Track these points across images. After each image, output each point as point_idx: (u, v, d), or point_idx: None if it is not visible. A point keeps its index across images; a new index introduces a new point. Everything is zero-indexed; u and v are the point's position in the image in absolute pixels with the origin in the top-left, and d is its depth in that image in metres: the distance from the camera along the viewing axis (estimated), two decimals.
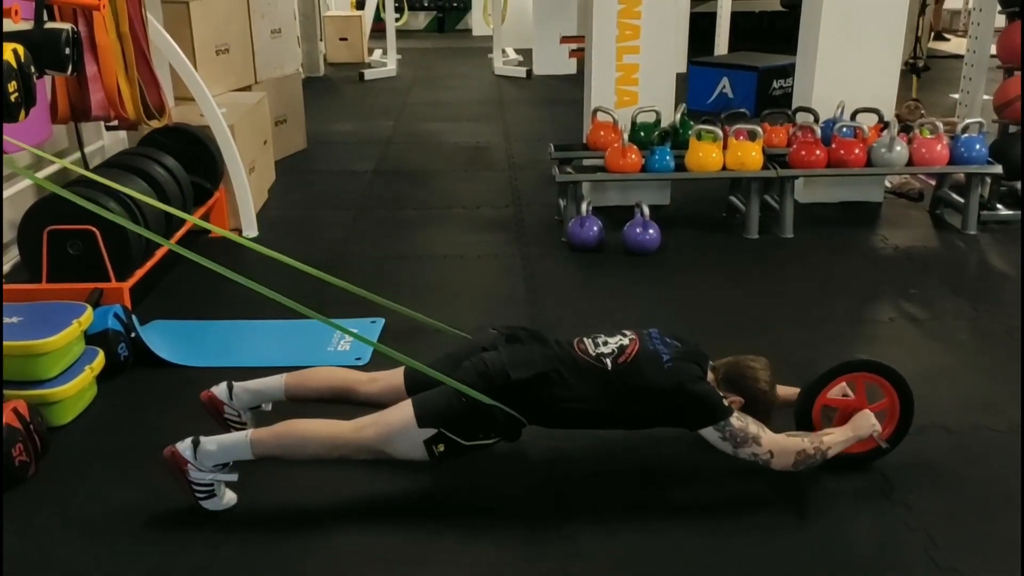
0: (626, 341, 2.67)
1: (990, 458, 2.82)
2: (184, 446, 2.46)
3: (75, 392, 2.99)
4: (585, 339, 2.69)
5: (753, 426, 2.54)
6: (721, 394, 2.60)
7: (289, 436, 2.51)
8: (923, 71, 7.65)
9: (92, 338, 3.21)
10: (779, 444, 2.54)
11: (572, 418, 2.62)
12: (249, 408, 2.78)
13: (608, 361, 2.59)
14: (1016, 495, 2.62)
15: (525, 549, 2.42)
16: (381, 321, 3.71)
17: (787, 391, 2.82)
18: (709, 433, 2.55)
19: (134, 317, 3.45)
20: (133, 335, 3.38)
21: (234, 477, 2.50)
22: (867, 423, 2.66)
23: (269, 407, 2.81)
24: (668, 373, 2.57)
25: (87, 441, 2.91)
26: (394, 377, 2.75)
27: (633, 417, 2.64)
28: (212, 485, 2.48)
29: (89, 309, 3.17)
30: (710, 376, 2.67)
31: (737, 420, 2.53)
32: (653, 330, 2.75)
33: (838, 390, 2.76)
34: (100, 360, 3.14)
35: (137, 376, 3.31)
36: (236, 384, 2.78)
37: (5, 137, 2.63)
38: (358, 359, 3.44)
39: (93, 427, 2.99)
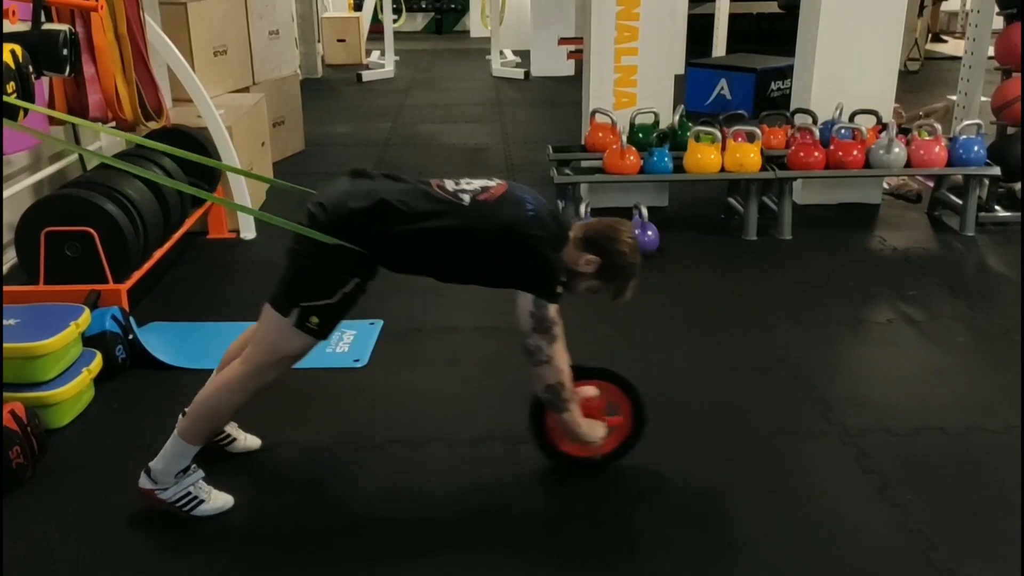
0: (493, 183, 2.52)
1: (987, 459, 2.82)
2: (141, 479, 2.49)
3: (73, 394, 2.99)
4: (447, 180, 2.53)
5: (559, 329, 2.44)
6: (582, 259, 2.48)
7: (202, 407, 2.48)
8: (910, 73, 7.65)
9: (90, 340, 3.20)
10: (561, 362, 2.46)
11: (412, 252, 2.44)
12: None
13: (466, 197, 2.44)
14: (1013, 496, 2.62)
15: (522, 551, 2.42)
16: (380, 323, 3.71)
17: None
18: (525, 300, 2.41)
19: (132, 319, 3.44)
20: (131, 337, 3.37)
21: (200, 474, 2.50)
22: (595, 435, 2.62)
23: None
24: (527, 220, 2.41)
25: (85, 444, 2.91)
26: (266, 310, 2.62)
27: (472, 261, 2.47)
28: (189, 493, 2.48)
29: (87, 311, 3.17)
30: (572, 235, 2.51)
31: (555, 311, 2.42)
32: (525, 186, 2.59)
33: (591, 388, 2.71)
34: (98, 362, 3.14)
35: (135, 378, 3.31)
36: (188, 408, 2.75)
37: (6, 129, 2.62)
38: (356, 360, 3.44)
39: (91, 430, 2.99)
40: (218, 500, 2.54)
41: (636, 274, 2.56)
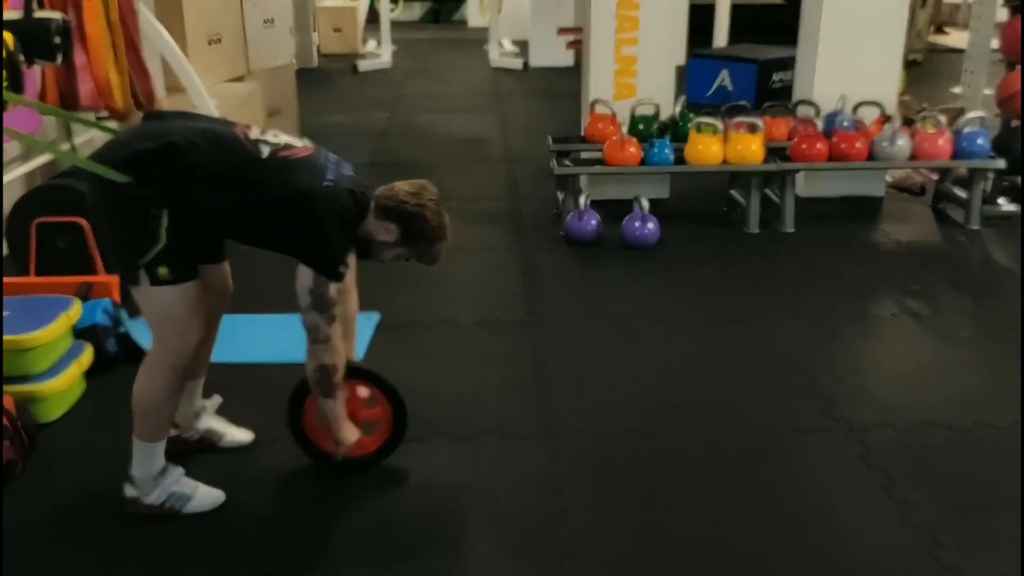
0: (299, 144, 2.41)
1: (992, 455, 2.78)
2: (127, 489, 2.47)
3: (63, 388, 2.94)
4: (255, 127, 2.42)
5: (338, 310, 2.37)
6: (382, 228, 2.40)
7: (138, 401, 2.41)
8: (912, 64, 7.61)
9: (81, 333, 3.16)
10: (337, 343, 2.39)
11: (197, 199, 2.29)
12: (196, 417, 2.74)
13: (266, 149, 2.33)
14: (1018, 492, 2.58)
15: (522, 547, 2.38)
16: (376, 316, 3.67)
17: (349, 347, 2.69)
18: (306, 276, 2.31)
19: (123, 312, 3.39)
20: (122, 330, 3.32)
21: (179, 472, 2.48)
22: (349, 437, 2.56)
23: (210, 399, 2.80)
24: (322, 191, 2.31)
25: (75, 438, 2.87)
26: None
27: (257, 220, 2.36)
28: (173, 493, 2.46)
29: (77, 303, 3.12)
30: (372, 204, 2.42)
31: (335, 291, 2.33)
32: (336, 156, 2.49)
33: (364, 388, 2.66)
34: (88, 355, 3.09)
35: (126, 372, 3.21)
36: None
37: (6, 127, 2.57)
38: None
39: (81, 424, 2.95)
40: (208, 495, 2.50)
41: (443, 236, 2.45)
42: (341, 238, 2.35)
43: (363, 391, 2.66)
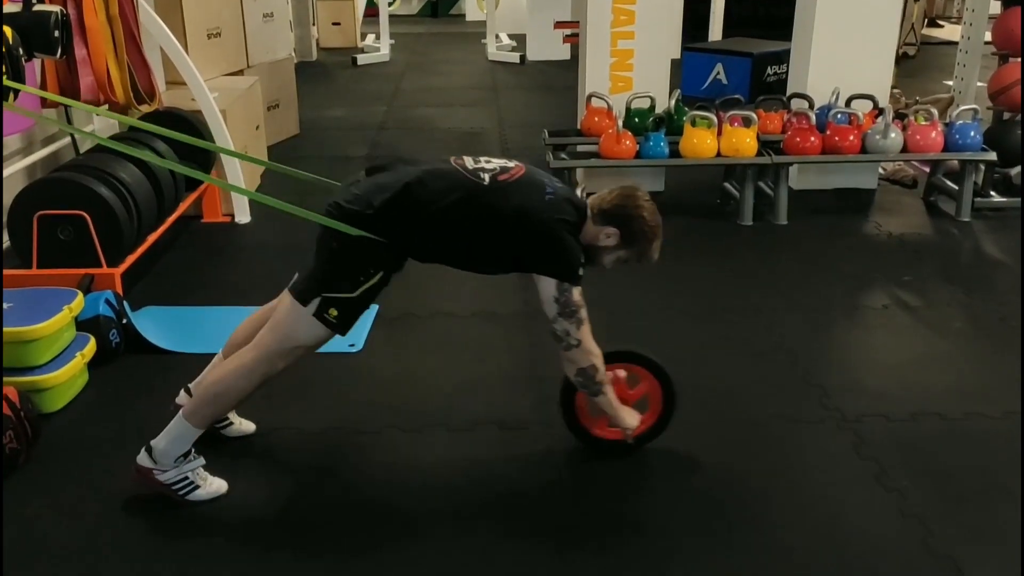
0: (511, 164, 2.51)
1: (984, 445, 2.82)
2: (141, 456, 2.47)
3: (66, 379, 2.97)
4: (466, 156, 2.52)
5: (585, 312, 2.45)
6: (602, 233, 2.49)
7: (211, 392, 2.47)
8: (904, 58, 7.63)
9: (83, 324, 3.18)
10: (590, 344, 2.48)
11: (435, 235, 2.43)
12: None
13: (486, 176, 2.43)
14: (1012, 482, 2.62)
15: (519, 535, 2.42)
16: (375, 307, 3.69)
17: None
18: (548, 286, 2.41)
19: (126, 303, 3.42)
20: (125, 321, 3.35)
21: (201, 461, 2.50)
22: (631, 421, 2.63)
23: None
24: (546, 204, 2.41)
25: (78, 428, 2.89)
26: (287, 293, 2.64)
27: (494, 243, 2.45)
28: (187, 478, 2.48)
29: (80, 295, 3.15)
30: (589, 212, 2.52)
31: (578, 295, 2.43)
32: (541, 170, 2.59)
33: (621, 371, 2.72)
34: (91, 346, 3.12)
35: (129, 363, 3.29)
36: (191, 385, 2.78)
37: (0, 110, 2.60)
38: (352, 345, 3.42)
39: (85, 414, 2.97)
40: (212, 485, 2.53)
41: (658, 235, 2.57)
42: (574, 242, 2.45)
43: (622, 372, 2.71)
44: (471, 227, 2.42)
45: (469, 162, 2.49)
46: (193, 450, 2.49)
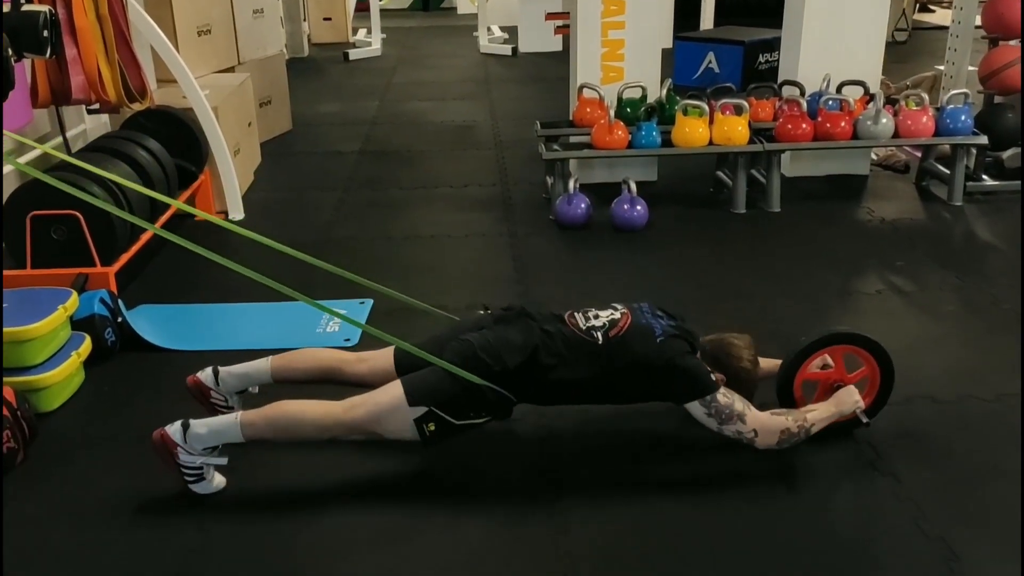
0: (617, 315, 2.66)
1: (977, 427, 2.84)
2: (174, 429, 2.45)
3: (62, 378, 2.98)
4: (576, 313, 2.69)
5: (739, 403, 2.55)
6: (708, 369, 2.61)
7: (280, 418, 2.50)
8: (894, 44, 7.63)
9: (78, 323, 3.19)
10: (763, 422, 2.56)
11: (562, 394, 2.62)
12: (236, 392, 2.78)
13: (599, 335, 2.59)
14: (1004, 464, 2.64)
15: (516, 525, 2.43)
16: (369, 302, 3.71)
17: (770, 364, 2.84)
18: (695, 408, 2.56)
19: (120, 302, 3.43)
20: (120, 320, 3.36)
21: (223, 461, 2.50)
22: (850, 399, 2.68)
23: (256, 390, 2.81)
24: (659, 347, 2.57)
25: (75, 427, 2.90)
26: (383, 357, 2.75)
27: (623, 392, 2.64)
28: (202, 469, 2.48)
29: (74, 294, 3.15)
30: (701, 351, 2.68)
31: (723, 396, 2.54)
32: (644, 304, 2.75)
33: (818, 362, 2.77)
34: (87, 345, 3.13)
35: (125, 361, 3.30)
36: (222, 369, 2.77)
37: None
38: (347, 340, 3.43)
39: (81, 413, 2.98)
40: (215, 481, 2.54)
41: (758, 380, 2.76)
42: (694, 360, 2.61)
43: (829, 359, 2.77)
44: (597, 384, 2.58)
45: (581, 320, 2.64)
46: (221, 447, 2.50)
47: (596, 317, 2.66)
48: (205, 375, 2.77)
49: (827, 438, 2.74)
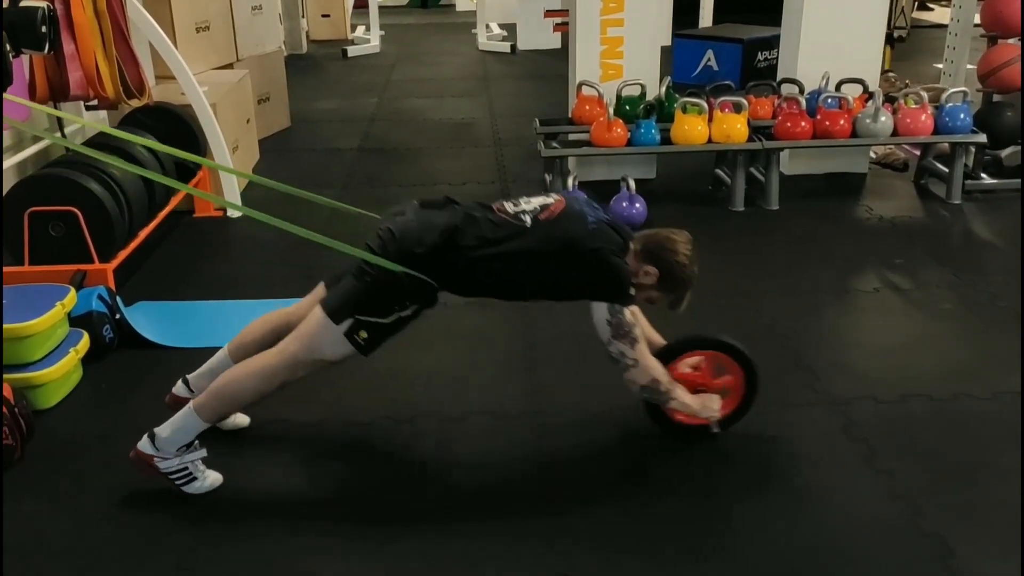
0: (550, 201, 2.57)
1: (973, 425, 2.84)
2: (143, 442, 2.48)
3: (60, 375, 2.98)
4: (506, 202, 2.60)
5: (638, 330, 2.50)
6: (641, 270, 2.54)
7: (226, 388, 2.49)
8: (897, 41, 7.62)
9: (76, 320, 3.19)
10: (647, 359, 2.53)
11: (484, 280, 2.52)
12: None
13: (528, 218, 2.50)
14: (999, 461, 2.64)
15: (515, 525, 2.43)
16: None
17: (656, 338, 2.79)
18: (601, 310, 2.47)
19: (118, 299, 3.43)
20: (118, 317, 3.36)
21: (202, 453, 2.51)
22: (711, 406, 2.66)
23: None
24: (591, 234, 2.48)
25: (73, 424, 2.90)
26: (320, 289, 2.70)
27: (543, 280, 2.54)
28: (186, 468, 2.49)
29: (72, 291, 3.15)
30: (632, 247, 2.58)
31: (631, 315, 2.48)
32: (581, 194, 2.68)
33: (691, 362, 2.75)
34: (85, 342, 3.13)
35: (123, 358, 3.30)
36: (190, 376, 2.78)
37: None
38: None
39: (79, 410, 2.99)
40: (209, 479, 2.54)
41: (693, 285, 2.63)
42: (621, 264, 2.50)
43: (700, 359, 2.74)
44: (519, 267, 2.49)
45: (510, 207, 2.56)
46: (196, 441, 2.50)
47: (527, 203, 2.57)
48: (178, 388, 2.78)
49: (823, 435, 2.74)
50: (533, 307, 3.69)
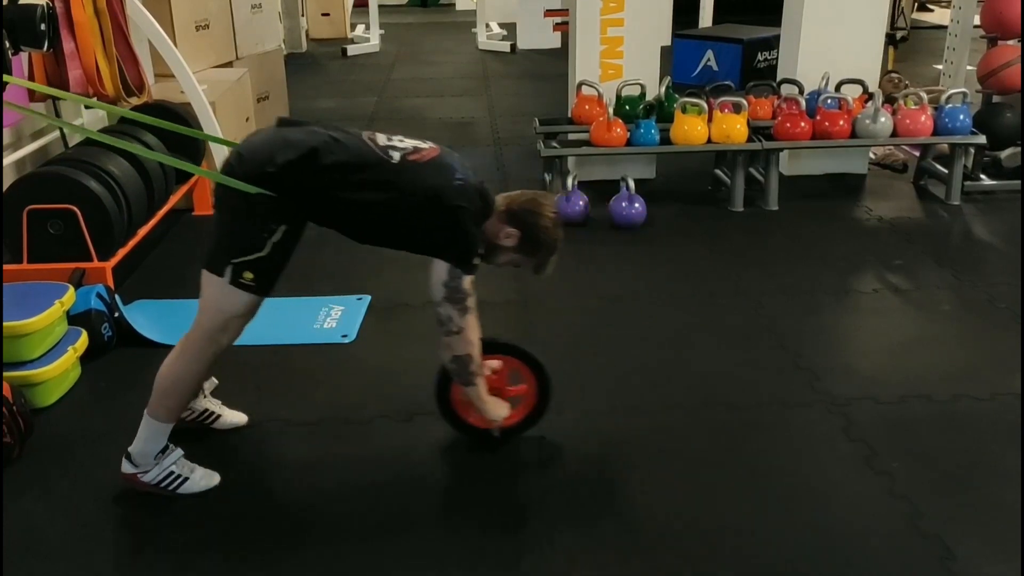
0: (424, 146, 2.48)
1: (972, 426, 2.84)
2: (124, 464, 2.49)
3: (58, 373, 2.97)
4: (379, 134, 2.49)
5: (472, 300, 2.43)
6: (503, 232, 2.49)
7: (163, 383, 2.45)
8: (900, 42, 7.63)
9: (75, 318, 3.19)
10: (471, 335, 2.46)
11: (341, 211, 2.40)
12: (195, 396, 2.74)
13: (396, 155, 2.40)
14: (998, 462, 2.64)
15: (514, 524, 2.43)
16: (367, 298, 3.71)
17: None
18: (441, 270, 2.40)
19: (117, 297, 3.42)
20: (116, 315, 3.36)
21: (179, 452, 2.50)
22: (499, 412, 2.64)
23: (215, 380, 2.81)
24: (455, 189, 2.39)
25: (72, 422, 2.90)
26: None
27: (394, 222, 2.43)
28: (172, 472, 2.49)
29: (71, 289, 3.15)
30: (496, 208, 2.51)
31: (469, 284, 2.42)
32: (457, 153, 2.58)
33: (490, 364, 2.70)
34: (83, 340, 3.12)
35: (121, 356, 3.30)
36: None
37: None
38: (344, 336, 3.43)
39: (77, 408, 2.98)
40: (203, 476, 2.54)
41: (557, 249, 2.55)
42: (473, 232, 2.42)
43: (502, 365, 2.71)
44: (373, 203, 2.38)
45: (381, 139, 2.45)
46: (169, 444, 2.49)
47: (400, 141, 2.47)
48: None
49: (822, 436, 2.74)
50: (533, 307, 3.71)
